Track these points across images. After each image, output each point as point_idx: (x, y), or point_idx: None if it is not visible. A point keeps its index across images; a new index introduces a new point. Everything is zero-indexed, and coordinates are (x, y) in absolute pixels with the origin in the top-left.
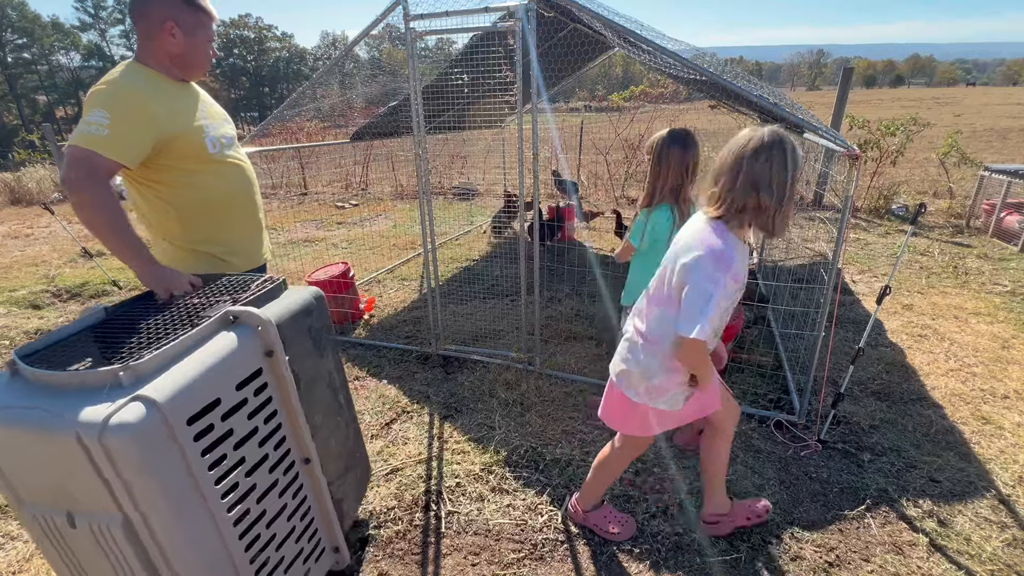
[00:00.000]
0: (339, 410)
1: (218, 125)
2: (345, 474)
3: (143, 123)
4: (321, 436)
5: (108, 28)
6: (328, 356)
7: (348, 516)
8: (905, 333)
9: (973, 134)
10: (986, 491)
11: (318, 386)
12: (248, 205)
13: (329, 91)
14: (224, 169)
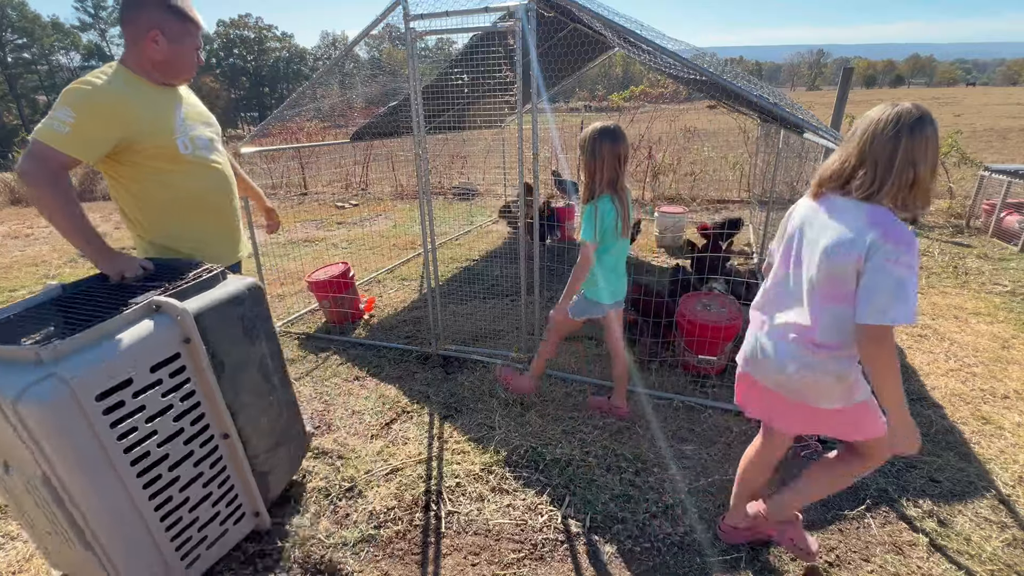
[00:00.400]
0: (271, 391)
1: (195, 127)
2: (275, 449)
3: (107, 124)
4: (248, 414)
5: (108, 28)
6: (260, 342)
7: (275, 486)
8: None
9: (973, 134)
10: (986, 491)
11: (247, 370)
12: (220, 205)
13: (329, 91)
14: (196, 169)
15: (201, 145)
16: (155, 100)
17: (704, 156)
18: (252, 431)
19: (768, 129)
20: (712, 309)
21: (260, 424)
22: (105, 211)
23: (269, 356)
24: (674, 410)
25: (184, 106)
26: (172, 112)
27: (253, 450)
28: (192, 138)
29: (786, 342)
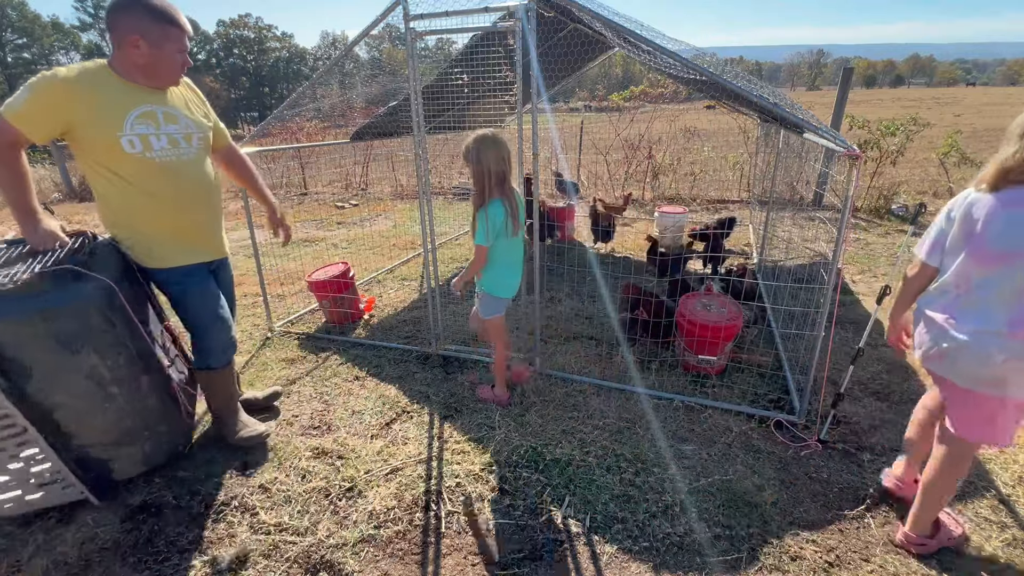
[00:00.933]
0: (108, 399)
1: (154, 127)
2: (117, 446)
3: (53, 107)
4: (69, 413)
5: None
6: (87, 355)
7: (121, 471)
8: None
9: (973, 134)
10: (986, 491)
11: (64, 376)
12: (170, 204)
13: (329, 91)
14: (142, 168)
15: (159, 146)
16: (115, 98)
17: (704, 156)
18: (78, 427)
19: (768, 129)
20: (712, 309)
21: (91, 422)
22: None
23: (104, 367)
24: (674, 410)
25: (158, 107)
26: (126, 110)
27: (80, 440)
28: (144, 137)
29: (997, 336)
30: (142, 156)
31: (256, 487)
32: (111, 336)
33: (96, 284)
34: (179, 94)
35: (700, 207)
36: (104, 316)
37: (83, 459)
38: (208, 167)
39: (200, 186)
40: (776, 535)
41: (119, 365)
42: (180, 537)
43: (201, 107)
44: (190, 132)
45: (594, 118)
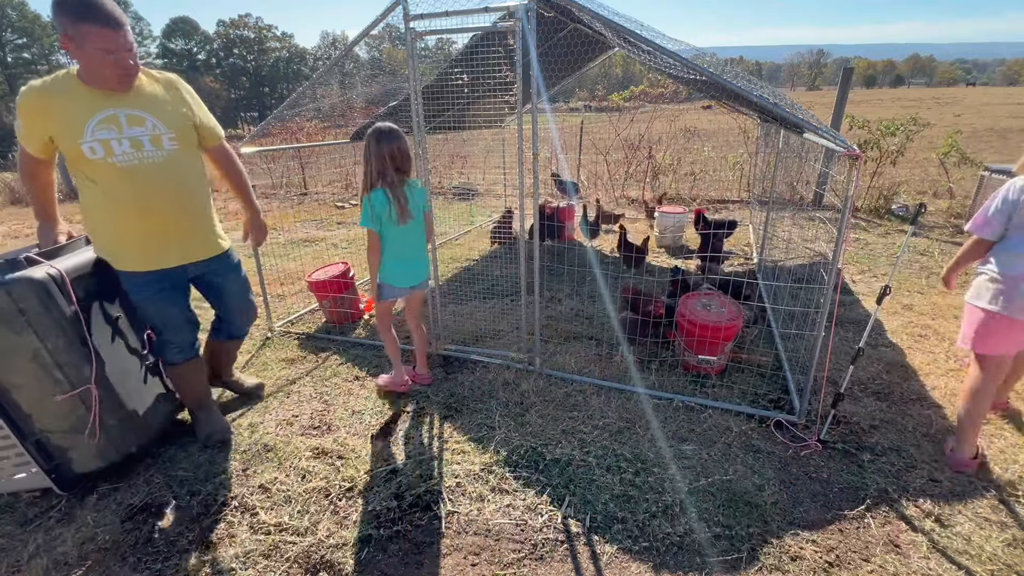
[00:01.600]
0: (54, 383)
1: (120, 131)
2: (73, 432)
3: (32, 120)
4: (27, 394)
5: None
6: (28, 336)
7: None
8: (905, 333)
9: (973, 134)
10: (986, 491)
11: (12, 356)
12: (137, 208)
13: (329, 91)
14: (106, 173)
15: (120, 151)
16: (76, 105)
17: (704, 156)
18: (33, 408)
19: (768, 129)
20: (712, 309)
21: (47, 406)
22: None
23: (48, 351)
24: (674, 410)
25: (121, 110)
26: (86, 118)
27: (41, 423)
28: (105, 142)
29: None
30: (104, 161)
31: (256, 487)
32: (48, 319)
33: (39, 270)
34: (152, 94)
35: (700, 207)
36: (39, 299)
37: (43, 445)
38: (184, 169)
39: (167, 189)
40: (776, 535)
41: (59, 349)
42: (180, 537)
43: (181, 106)
44: (158, 134)
45: (594, 118)
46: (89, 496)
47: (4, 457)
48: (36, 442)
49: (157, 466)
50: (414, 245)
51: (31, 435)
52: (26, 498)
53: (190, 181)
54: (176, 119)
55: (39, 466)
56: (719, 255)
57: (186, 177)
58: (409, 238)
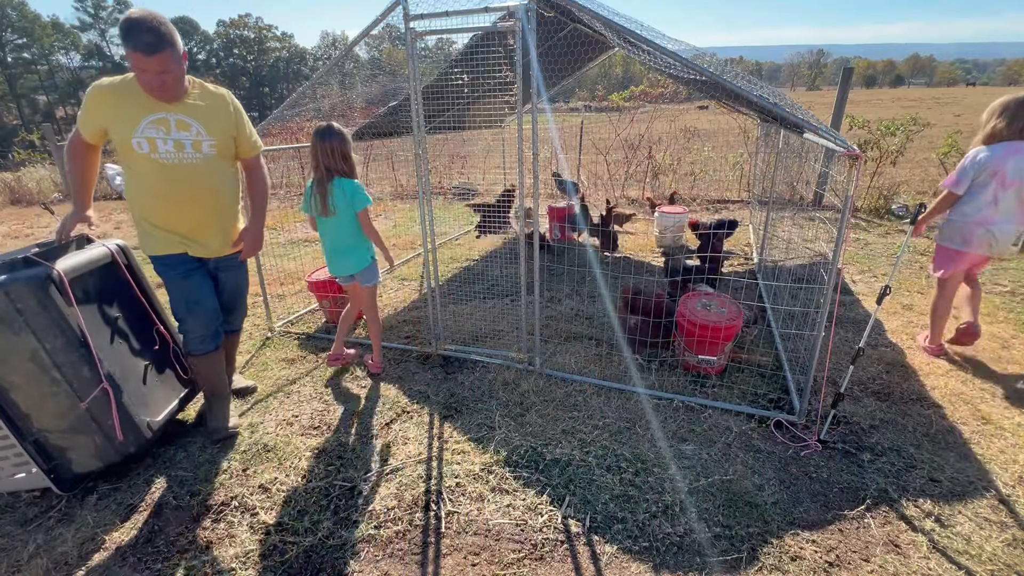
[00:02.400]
0: (54, 383)
1: (168, 132)
2: (71, 433)
3: (91, 110)
4: (25, 394)
5: (108, 28)
6: (26, 336)
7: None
8: (905, 333)
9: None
10: (986, 491)
11: (11, 355)
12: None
13: (329, 91)
14: (146, 165)
15: (163, 148)
16: (134, 105)
17: (704, 156)
18: (32, 407)
19: (768, 129)
20: (712, 309)
21: (45, 406)
22: (104, 211)
23: (46, 352)
24: (674, 410)
25: (172, 114)
26: (141, 116)
27: (40, 423)
28: (151, 140)
29: (1014, 225)
30: (147, 156)
31: (256, 487)
32: (46, 319)
33: (38, 270)
34: (202, 106)
35: (700, 207)
36: (37, 299)
37: (42, 444)
38: (217, 173)
39: (198, 187)
40: (776, 535)
41: (57, 349)
42: (180, 537)
43: (226, 120)
44: (200, 139)
45: (594, 118)
46: (89, 496)
47: (3, 457)
48: (35, 442)
49: (157, 466)
50: (335, 238)
51: (29, 435)
52: (26, 498)
53: (221, 183)
54: (219, 130)
55: (38, 466)
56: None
57: (218, 179)
58: (331, 231)
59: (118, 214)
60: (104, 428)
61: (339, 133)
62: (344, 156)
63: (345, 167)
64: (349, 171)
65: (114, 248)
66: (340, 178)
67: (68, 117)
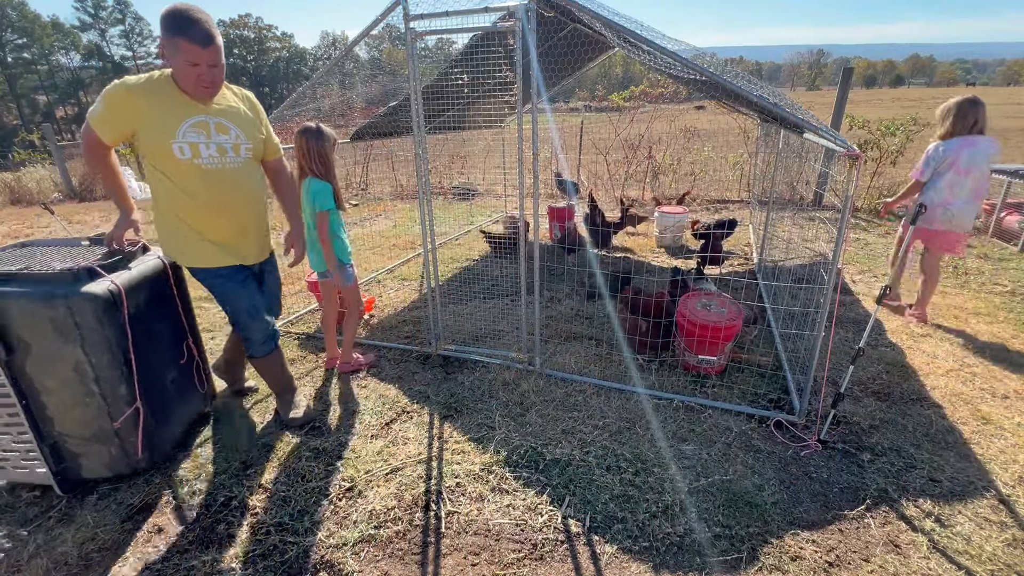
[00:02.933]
0: (88, 394)
1: (209, 137)
2: (90, 441)
3: (118, 113)
4: (56, 399)
5: (108, 28)
6: (75, 347)
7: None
8: (905, 333)
9: None
10: (986, 491)
11: (55, 362)
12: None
13: (329, 91)
14: (189, 172)
15: (205, 153)
16: (171, 108)
17: (704, 156)
18: (58, 412)
19: (768, 129)
20: (712, 309)
21: (72, 413)
22: (105, 211)
23: (89, 364)
24: (674, 410)
25: (211, 117)
26: (180, 119)
27: (62, 428)
28: (194, 145)
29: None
30: (190, 162)
31: (256, 487)
32: (99, 336)
33: (103, 286)
34: (236, 108)
35: (700, 207)
36: (96, 316)
37: (58, 447)
38: (254, 177)
39: (239, 193)
40: (776, 535)
41: (102, 364)
42: (180, 537)
43: (256, 122)
44: (239, 143)
45: (594, 118)
46: (89, 496)
47: (15, 451)
48: (52, 444)
49: (157, 466)
50: (309, 234)
51: (49, 437)
52: (26, 498)
53: (256, 187)
54: (253, 132)
55: (47, 466)
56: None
57: (254, 183)
58: (309, 226)
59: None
60: (125, 444)
61: (317, 132)
62: (320, 156)
63: (320, 168)
64: (323, 173)
65: (167, 260)
66: (311, 178)
67: (68, 117)
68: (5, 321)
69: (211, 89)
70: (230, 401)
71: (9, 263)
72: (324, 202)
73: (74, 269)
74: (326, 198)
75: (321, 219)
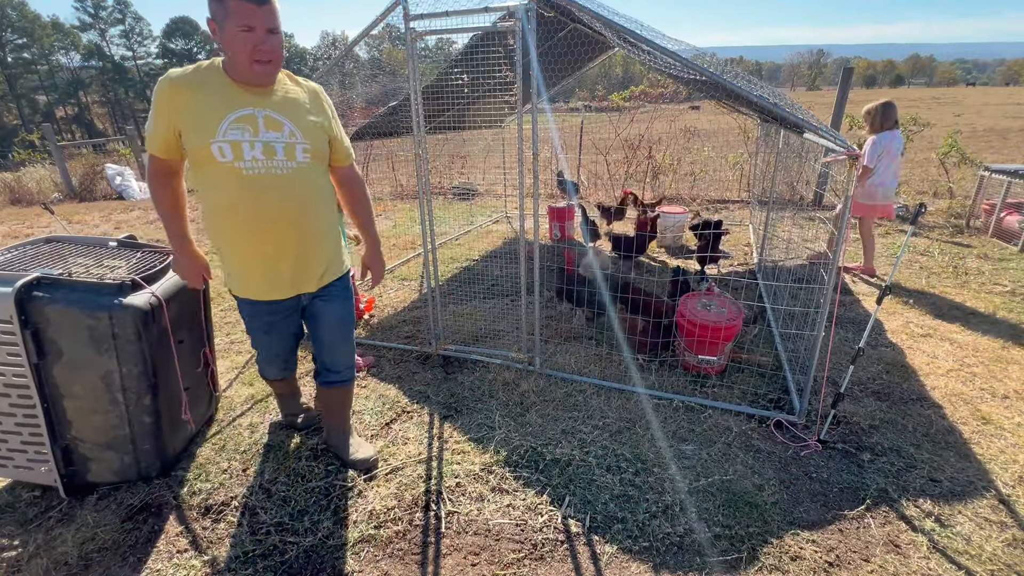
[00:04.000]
0: (113, 403)
1: (256, 134)
2: (105, 448)
3: (160, 112)
4: (78, 405)
5: (108, 28)
6: (108, 357)
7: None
8: (905, 333)
9: (973, 134)
10: (986, 491)
11: (84, 369)
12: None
13: (329, 91)
14: (229, 178)
15: (248, 155)
16: (215, 98)
17: (704, 156)
18: (77, 417)
19: (768, 129)
20: (712, 309)
21: (91, 419)
22: (105, 211)
23: (121, 375)
24: (674, 410)
25: (260, 110)
26: (223, 113)
27: (78, 432)
28: (236, 144)
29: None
30: (230, 165)
31: (256, 487)
32: (135, 348)
33: (144, 299)
34: (294, 98)
35: (700, 207)
36: (135, 328)
37: (70, 451)
38: (311, 186)
39: (287, 207)
40: (776, 535)
41: (132, 375)
42: (180, 537)
43: (322, 117)
44: (293, 142)
45: (594, 118)
46: (89, 496)
47: (24, 451)
48: (64, 447)
49: (167, 472)
50: None
51: (62, 439)
52: (26, 498)
53: (314, 200)
54: (314, 130)
55: (56, 469)
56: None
57: (310, 196)
58: None
59: (118, 214)
60: (139, 452)
61: None
62: None
63: None
64: None
65: None
66: None
67: (68, 117)
68: (43, 325)
69: (269, 65)
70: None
71: (39, 262)
72: None
73: (120, 281)
74: None
75: None
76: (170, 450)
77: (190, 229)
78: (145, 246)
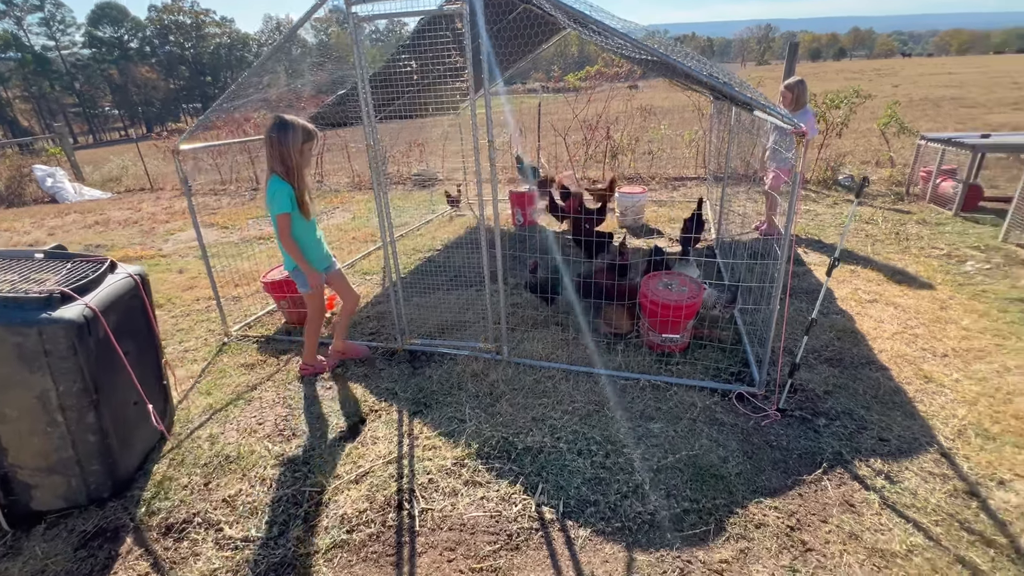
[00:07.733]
0: (51, 424)
1: None
2: (48, 473)
3: None
4: (13, 428)
5: (25, 16)
6: (42, 375)
7: (40, 501)
8: (853, 300)
9: (910, 103)
10: (929, 446)
11: (16, 390)
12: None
13: (275, 79)
14: None
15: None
16: None
17: (660, 135)
18: (13, 442)
19: (721, 106)
20: (673, 288)
21: (30, 443)
22: (37, 216)
23: (57, 394)
24: (640, 390)
25: None
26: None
27: (15, 459)
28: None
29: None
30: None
31: (219, 501)
32: (70, 363)
33: (77, 311)
34: None
35: (659, 185)
36: (69, 343)
37: (8, 479)
38: None
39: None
40: (741, 504)
41: (70, 393)
42: (140, 561)
43: None
44: None
45: (551, 99)
46: (36, 526)
47: None
48: (2, 476)
49: (119, 494)
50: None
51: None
52: None
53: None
54: None
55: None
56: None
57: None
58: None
59: (52, 219)
60: (87, 473)
61: (278, 126)
62: (280, 157)
63: (279, 167)
64: (283, 172)
65: (137, 278)
66: (273, 176)
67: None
68: None
69: None
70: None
71: None
72: (278, 205)
73: (47, 293)
74: (280, 201)
75: (281, 222)
76: (123, 469)
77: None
78: (76, 256)
